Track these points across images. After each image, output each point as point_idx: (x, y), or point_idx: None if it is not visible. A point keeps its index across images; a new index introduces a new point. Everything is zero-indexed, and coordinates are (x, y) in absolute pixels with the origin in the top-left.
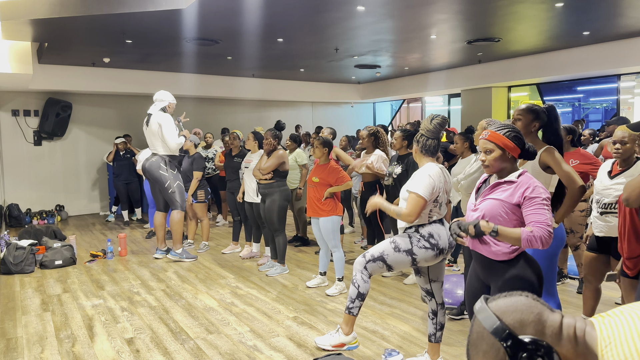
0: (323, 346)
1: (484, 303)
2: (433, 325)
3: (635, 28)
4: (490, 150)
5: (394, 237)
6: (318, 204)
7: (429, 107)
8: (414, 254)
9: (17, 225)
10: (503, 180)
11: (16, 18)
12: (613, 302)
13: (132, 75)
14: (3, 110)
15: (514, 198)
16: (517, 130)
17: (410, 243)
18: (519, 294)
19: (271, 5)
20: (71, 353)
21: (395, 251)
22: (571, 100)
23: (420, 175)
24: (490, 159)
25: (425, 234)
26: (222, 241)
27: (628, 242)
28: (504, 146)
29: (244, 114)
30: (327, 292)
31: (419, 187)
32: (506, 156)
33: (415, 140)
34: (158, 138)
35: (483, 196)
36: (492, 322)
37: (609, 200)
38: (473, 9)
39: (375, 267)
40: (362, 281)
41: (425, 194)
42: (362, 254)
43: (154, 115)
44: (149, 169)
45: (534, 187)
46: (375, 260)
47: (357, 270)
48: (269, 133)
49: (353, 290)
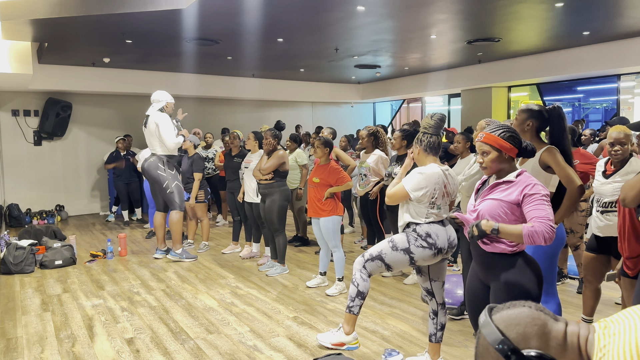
0: (323, 343)
1: (487, 317)
2: (434, 325)
3: (635, 28)
4: (486, 152)
5: (393, 237)
6: (318, 204)
7: (429, 107)
8: (412, 253)
9: (17, 225)
10: (502, 181)
11: (16, 18)
12: (613, 302)
13: (132, 75)
14: (3, 110)
15: (513, 197)
16: (512, 130)
17: (408, 242)
18: (522, 304)
19: (271, 5)
20: (71, 353)
21: (393, 250)
22: (571, 100)
23: (414, 172)
24: (488, 160)
25: (422, 233)
26: (222, 241)
27: (628, 242)
28: (500, 147)
29: (244, 114)
30: (327, 292)
31: (407, 181)
32: (503, 157)
33: (418, 140)
34: (156, 138)
35: (482, 197)
36: (495, 338)
37: (608, 200)
38: (473, 9)
39: (374, 266)
40: (361, 280)
41: (410, 189)
42: (362, 253)
43: (151, 116)
44: (147, 169)
45: (533, 185)
46: (373, 259)
47: (356, 270)
48: (269, 133)
49: (353, 289)
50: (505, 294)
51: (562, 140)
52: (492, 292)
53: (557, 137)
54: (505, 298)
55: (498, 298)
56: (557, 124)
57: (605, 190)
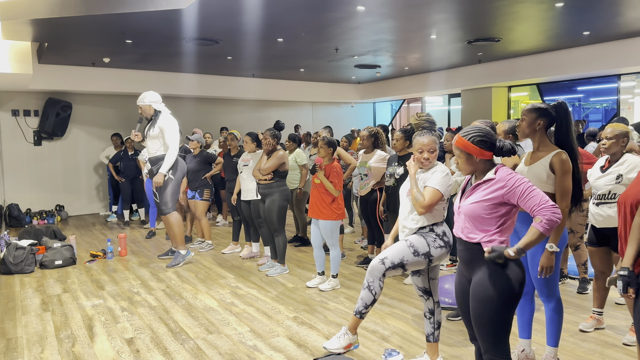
0: (334, 350)
1: None
2: (430, 324)
3: (635, 28)
4: (459, 155)
5: (410, 240)
6: (319, 205)
7: (429, 107)
8: (431, 256)
9: (17, 225)
10: (482, 181)
11: (16, 18)
12: (613, 302)
13: (132, 75)
14: (3, 110)
15: (497, 194)
16: (484, 133)
17: (427, 245)
18: None
19: (271, 5)
20: (71, 353)
21: (415, 256)
22: (571, 100)
23: (437, 172)
24: (460, 162)
25: (440, 232)
26: (222, 241)
27: (627, 243)
28: (467, 150)
29: (244, 114)
30: (321, 287)
31: (437, 183)
32: (473, 159)
33: None
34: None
35: (465, 197)
36: None
37: (602, 192)
38: (473, 9)
39: (392, 273)
40: (379, 288)
41: (444, 191)
42: (379, 258)
43: (161, 115)
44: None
45: (511, 177)
46: (395, 267)
47: (374, 277)
48: (268, 133)
49: (369, 296)
50: (484, 287)
51: (569, 136)
52: (473, 286)
53: (564, 133)
54: (485, 292)
55: (477, 293)
56: (564, 119)
57: (600, 183)
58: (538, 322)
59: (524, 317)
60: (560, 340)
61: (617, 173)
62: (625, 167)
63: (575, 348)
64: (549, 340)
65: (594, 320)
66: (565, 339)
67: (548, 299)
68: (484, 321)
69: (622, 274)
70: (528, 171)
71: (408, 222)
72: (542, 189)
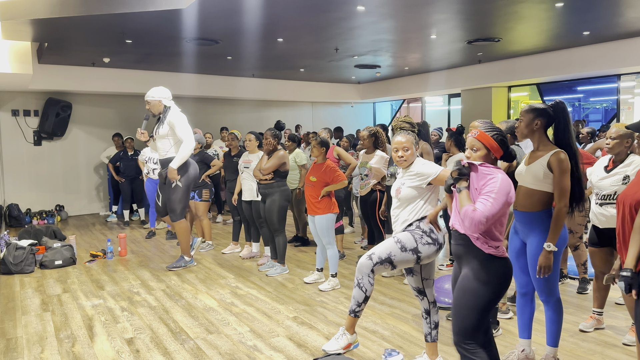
0: (335, 351)
1: None
2: (427, 324)
3: (635, 28)
4: (477, 149)
5: (398, 236)
6: (314, 202)
7: (429, 107)
8: (419, 252)
9: (17, 225)
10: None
11: (16, 18)
12: (613, 302)
13: (132, 75)
14: (3, 110)
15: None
16: (504, 134)
17: (415, 241)
18: None
19: (271, 5)
20: (71, 353)
21: (402, 251)
22: (571, 100)
23: (444, 170)
24: (476, 156)
25: (426, 229)
26: (222, 241)
27: (625, 243)
28: (490, 147)
29: (244, 114)
30: (320, 287)
31: (435, 168)
32: (490, 157)
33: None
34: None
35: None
36: None
37: (607, 192)
38: (473, 9)
39: (381, 269)
40: (369, 285)
41: (444, 171)
42: (367, 254)
43: (170, 112)
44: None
45: (496, 175)
46: (382, 262)
47: (363, 274)
48: (269, 133)
49: (360, 294)
50: (468, 280)
51: (567, 135)
52: (460, 277)
53: (562, 132)
54: (468, 284)
55: (461, 284)
56: (562, 118)
57: (604, 183)
58: (538, 322)
59: (524, 317)
60: (560, 340)
61: (623, 174)
62: (633, 168)
63: (575, 348)
64: (548, 340)
65: (594, 320)
66: (565, 339)
67: (548, 299)
68: (461, 311)
69: (625, 275)
70: (527, 171)
71: (396, 223)
72: (539, 188)
